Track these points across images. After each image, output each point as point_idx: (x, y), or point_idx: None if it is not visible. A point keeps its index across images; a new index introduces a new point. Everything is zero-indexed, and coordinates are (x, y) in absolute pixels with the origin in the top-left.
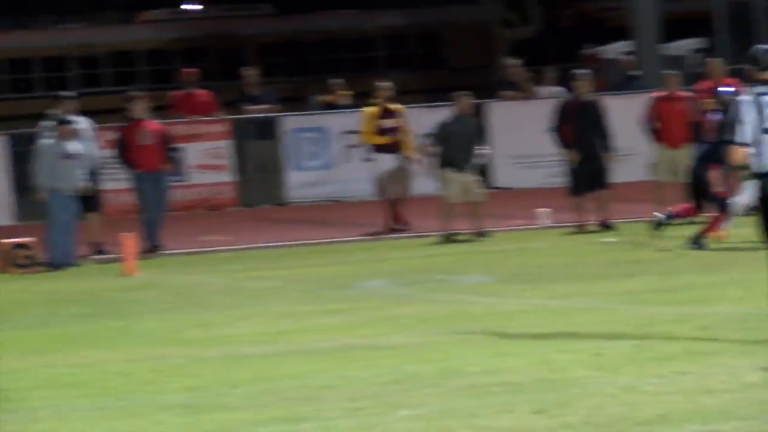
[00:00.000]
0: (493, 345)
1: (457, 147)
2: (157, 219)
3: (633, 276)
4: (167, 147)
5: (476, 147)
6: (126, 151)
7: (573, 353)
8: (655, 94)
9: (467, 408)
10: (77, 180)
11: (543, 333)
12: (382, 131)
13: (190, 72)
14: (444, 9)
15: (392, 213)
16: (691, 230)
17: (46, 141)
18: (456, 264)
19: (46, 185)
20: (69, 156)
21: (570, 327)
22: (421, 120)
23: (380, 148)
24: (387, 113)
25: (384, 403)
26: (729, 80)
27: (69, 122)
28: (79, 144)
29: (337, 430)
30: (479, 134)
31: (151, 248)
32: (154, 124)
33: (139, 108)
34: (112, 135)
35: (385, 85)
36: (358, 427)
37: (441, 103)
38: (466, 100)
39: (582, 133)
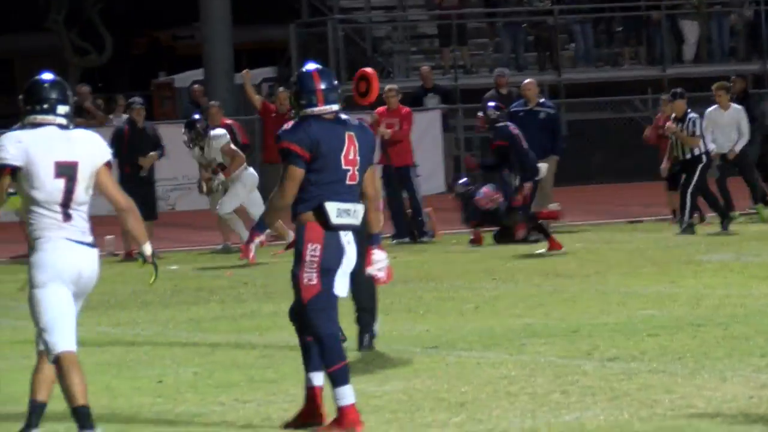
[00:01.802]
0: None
1: None
2: None
3: (196, 304)
4: None
5: None
6: None
7: (135, 380)
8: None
9: None
10: None
11: (106, 360)
12: None
13: None
14: (17, 35)
15: None
16: None
17: None
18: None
19: None
20: None
21: (133, 354)
22: None
23: None
24: None
25: None
26: None
27: None
28: None
29: None
30: None
31: None
32: None
33: None
34: None
35: None
36: None
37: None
38: None
39: (135, 161)
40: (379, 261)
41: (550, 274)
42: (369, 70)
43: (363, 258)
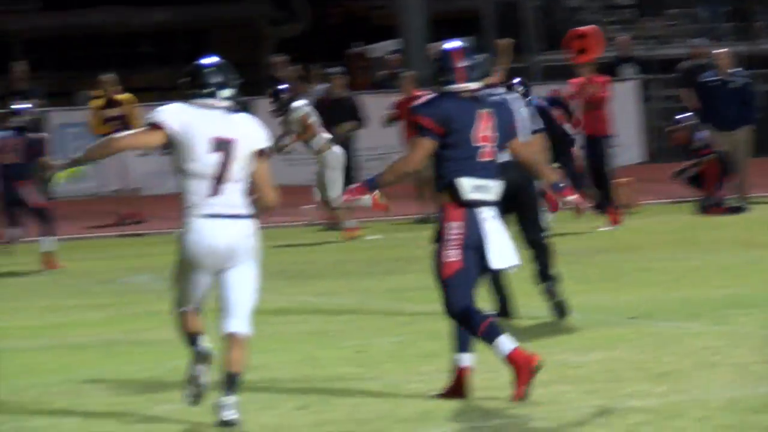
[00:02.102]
0: (256, 342)
1: None
2: None
3: (395, 273)
4: None
5: None
6: None
7: (336, 350)
8: (397, 98)
9: None
10: None
11: (307, 330)
12: (106, 121)
13: None
14: (213, 6)
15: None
16: None
17: None
18: None
19: None
20: None
21: (334, 324)
22: None
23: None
24: (112, 103)
25: (146, 398)
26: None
27: None
28: None
29: (98, 424)
30: None
31: None
32: None
33: None
34: None
35: (108, 77)
36: (119, 422)
37: None
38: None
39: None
40: (571, 204)
41: (750, 245)
42: (587, 28)
43: (530, 231)
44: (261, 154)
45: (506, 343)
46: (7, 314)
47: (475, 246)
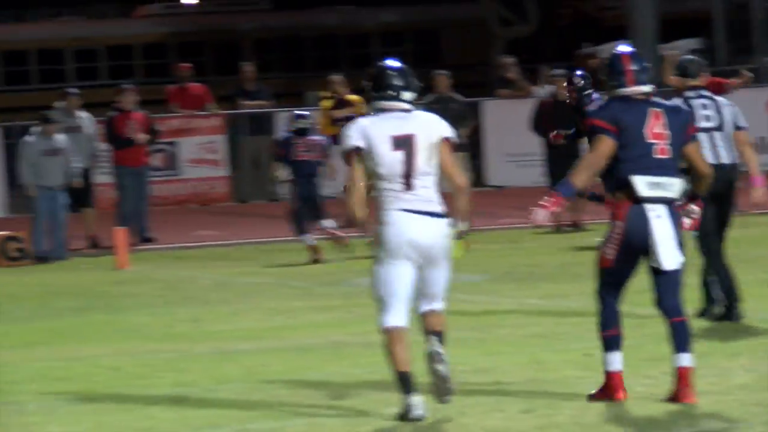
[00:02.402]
0: (483, 344)
1: None
2: (141, 212)
3: None
4: (152, 140)
5: None
6: (114, 143)
7: (563, 353)
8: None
9: (456, 407)
10: (62, 175)
11: (534, 333)
12: (335, 122)
13: (184, 66)
14: (442, 6)
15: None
16: None
17: (28, 138)
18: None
19: (31, 181)
20: (52, 152)
21: (561, 327)
22: None
23: (334, 139)
24: (342, 104)
25: (373, 400)
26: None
27: (51, 120)
28: (62, 139)
29: (324, 427)
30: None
31: (141, 241)
32: (141, 116)
33: (128, 99)
34: (102, 128)
35: (337, 78)
36: (346, 424)
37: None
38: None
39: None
40: (691, 212)
41: None
42: None
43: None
44: (445, 142)
45: (614, 362)
46: (233, 316)
47: (636, 245)
